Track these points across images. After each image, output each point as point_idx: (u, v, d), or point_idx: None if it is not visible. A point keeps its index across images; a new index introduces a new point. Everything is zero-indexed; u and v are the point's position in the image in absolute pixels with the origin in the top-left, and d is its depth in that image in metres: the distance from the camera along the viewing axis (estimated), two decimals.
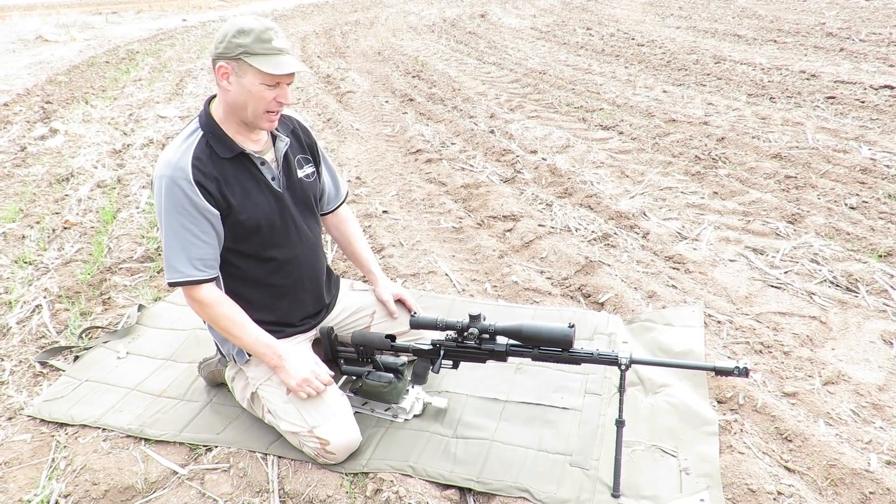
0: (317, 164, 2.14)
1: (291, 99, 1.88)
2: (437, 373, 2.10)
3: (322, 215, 2.26)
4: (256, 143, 1.94)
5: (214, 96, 1.91)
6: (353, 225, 2.36)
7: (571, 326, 1.85)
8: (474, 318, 1.95)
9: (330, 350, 2.21)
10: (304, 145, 2.10)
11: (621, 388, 1.82)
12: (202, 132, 1.86)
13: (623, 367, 1.80)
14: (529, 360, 1.94)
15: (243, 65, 1.75)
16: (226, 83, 1.79)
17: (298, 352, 1.98)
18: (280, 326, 2.05)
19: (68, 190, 4.55)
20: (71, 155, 5.33)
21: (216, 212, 1.83)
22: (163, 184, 1.79)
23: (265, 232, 1.94)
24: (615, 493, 1.82)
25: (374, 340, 2.15)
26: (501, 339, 1.95)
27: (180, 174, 1.77)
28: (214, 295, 1.89)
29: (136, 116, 6.61)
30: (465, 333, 1.96)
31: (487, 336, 1.95)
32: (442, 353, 2.02)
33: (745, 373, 1.68)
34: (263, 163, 1.94)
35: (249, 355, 2.03)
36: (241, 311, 1.93)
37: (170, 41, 12.39)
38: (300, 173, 2.05)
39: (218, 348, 2.14)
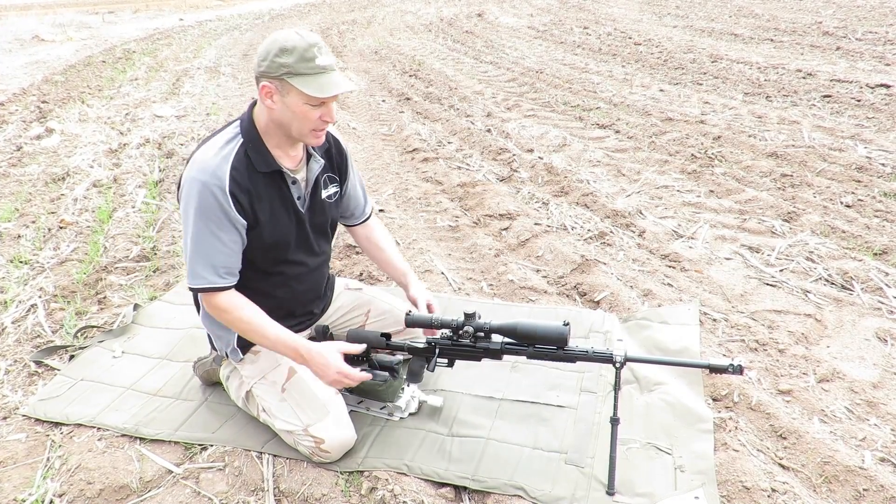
0: (342, 183, 2.12)
1: (336, 116, 1.85)
2: (433, 371, 2.09)
3: (351, 227, 2.27)
4: (292, 161, 1.92)
5: (257, 101, 1.87)
6: (382, 234, 2.32)
7: (566, 324, 1.85)
8: (469, 317, 1.95)
9: None
10: (334, 165, 2.08)
11: (616, 386, 1.82)
12: (242, 140, 1.82)
13: (618, 365, 1.81)
14: (525, 358, 1.94)
15: (286, 85, 1.70)
16: (269, 102, 1.76)
17: (321, 348, 1.90)
18: None
19: (64, 189, 4.54)
20: (67, 154, 5.33)
21: (245, 222, 1.82)
22: (195, 188, 1.74)
23: (280, 249, 1.94)
24: (610, 490, 1.82)
25: (370, 339, 2.14)
26: (497, 338, 1.95)
27: (216, 182, 1.73)
28: (234, 300, 1.86)
29: (133, 116, 6.60)
30: (461, 332, 1.96)
31: (483, 334, 1.95)
32: (437, 351, 2.02)
33: (739, 370, 1.68)
34: (294, 182, 1.93)
35: (244, 354, 2.03)
36: (260, 313, 1.89)
37: (166, 41, 12.37)
38: (324, 194, 2.04)
39: (212, 346, 2.13)
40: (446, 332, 2.00)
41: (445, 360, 2.04)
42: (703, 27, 10.15)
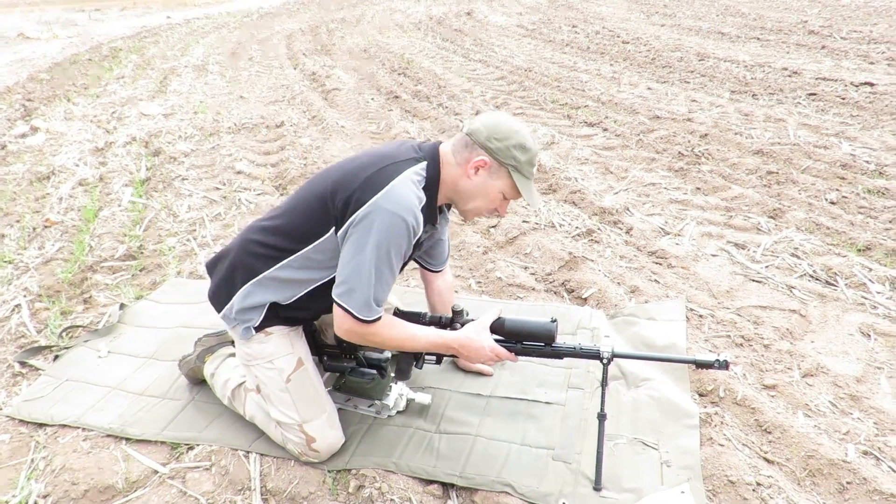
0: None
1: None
2: (421, 368, 2.10)
3: (430, 272, 2.26)
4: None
5: (441, 143, 1.86)
6: (450, 295, 2.32)
7: (554, 321, 1.86)
8: (457, 314, 1.96)
9: (312, 346, 2.20)
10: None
11: (604, 382, 1.84)
12: (424, 186, 1.78)
13: (605, 361, 1.82)
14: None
15: (504, 172, 1.79)
16: (473, 172, 1.79)
17: (469, 333, 1.87)
18: (275, 319, 1.97)
19: (49, 188, 4.50)
20: (52, 153, 5.27)
21: None
22: (396, 222, 1.67)
23: None
24: (597, 486, 1.83)
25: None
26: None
27: (414, 224, 1.71)
28: (385, 321, 1.82)
29: (119, 114, 6.54)
30: (449, 329, 1.97)
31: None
32: None
33: (724, 366, 1.70)
34: (428, 232, 1.95)
35: (256, 330, 1.92)
36: (405, 324, 1.87)
37: (154, 38, 12.27)
38: (423, 246, 2.09)
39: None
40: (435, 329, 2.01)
41: (434, 358, 2.05)
42: (691, 26, 10.20)
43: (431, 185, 1.80)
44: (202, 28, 13.74)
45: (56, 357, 2.56)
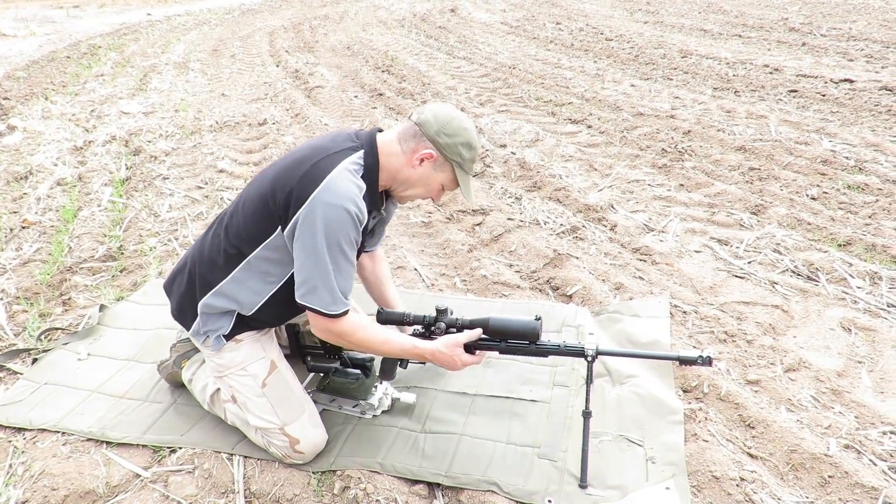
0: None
1: None
2: (405, 368, 2.09)
3: (363, 252, 2.20)
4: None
5: (379, 130, 1.86)
6: (385, 267, 2.31)
7: (538, 319, 1.85)
8: (441, 313, 1.95)
9: (296, 347, 2.18)
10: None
11: (588, 380, 1.84)
12: (363, 174, 1.77)
13: (590, 359, 1.82)
14: (497, 353, 1.94)
15: (447, 167, 1.82)
16: (418, 164, 1.80)
17: (442, 347, 1.87)
18: (244, 327, 1.95)
19: (27, 188, 4.42)
20: (30, 152, 5.18)
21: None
22: (339, 214, 1.67)
23: None
24: (582, 483, 1.83)
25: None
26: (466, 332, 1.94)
27: (355, 209, 1.69)
28: (358, 320, 1.81)
29: (98, 112, 6.45)
30: (433, 328, 1.96)
31: (455, 330, 1.95)
32: None
33: (708, 362, 1.70)
34: (375, 218, 1.93)
35: (227, 339, 1.91)
36: (379, 326, 1.89)
37: (133, 36, 12.11)
38: (376, 234, 2.09)
39: (192, 331, 1.96)
40: (418, 328, 2.00)
41: None
42: (674, 23, 10.26)
43: (371, 172, 1.79)
44: (183, 25, 13.58)
45: (34, 360, 2.52)
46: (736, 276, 3.00)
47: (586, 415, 1.84)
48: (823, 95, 5.81)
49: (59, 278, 3.15)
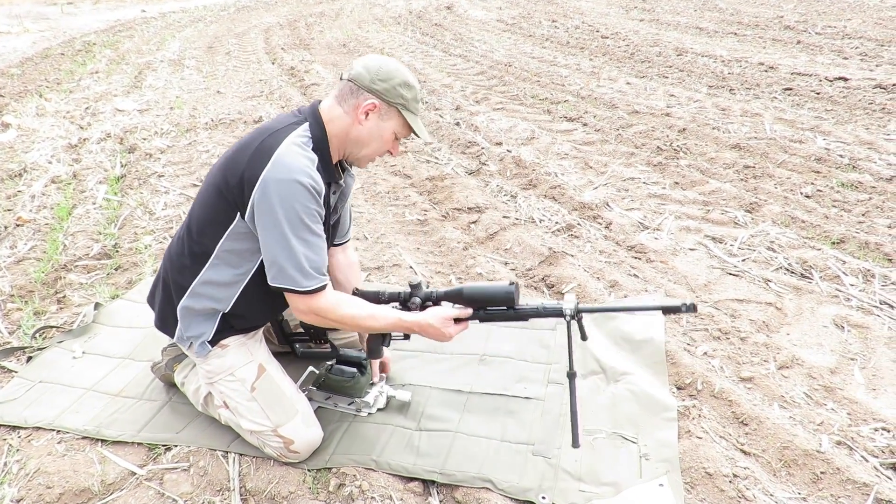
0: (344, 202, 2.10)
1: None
2: (389, 346, 2.06)
3: (332, 245, 2.16)
4: (336, 173, 1.90)
5: (320, 101, 1.83)
6: (358, 273, 2.26)
7: (513, 283, 1.84)
8: (415, 287, 1.93)
9: (282, 336, 2.18)
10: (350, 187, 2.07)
11: (570, 340, 1.80)
12: (312, 145, 1.75)
13: (568, 318, 1.79)
14: (478, 322, 1.91)
15: (393, 112, 1.79)
16: (364, 118, 1.77)
17: (431, 320, 1.85)
18: (228, 330, 1.94)
19: (21, 186, 4.40)
20: (24, 150, 5.16)
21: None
22: (295, 189, 1.64)
23: None
24: (575, 444, 1.76)
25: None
26: (446, 305, 1.93)
27: (309, 180, 1.66)
28: (338, 296, 1.79)
29: (93, 110, 6.42)
30: (409, 304, 1.94)
31: (431, 303, 1.93)
32: None
33: (692, 308, 1.66)
34: (334, 192, 1.92)
35: (212, 346, 1.91)
36: (363, 301, 1.86)
37: (128, 32, 12.06)
38: (339, 211, 2.05)
39: (177, 338, 1.97)
40: (396, 305, 1.98)
41: (401, 334, 2.00)
42: (669, 21, 10.27)
43: (320, 142, 1.77)
44: (178, 22, 13.53)
45: (29, 358, 2.52)
46: (730, 274, 3.02)
47: (571, 376, 1.79)
48: (818, 93, 5.84)
49: (53, 276, 3.14)
